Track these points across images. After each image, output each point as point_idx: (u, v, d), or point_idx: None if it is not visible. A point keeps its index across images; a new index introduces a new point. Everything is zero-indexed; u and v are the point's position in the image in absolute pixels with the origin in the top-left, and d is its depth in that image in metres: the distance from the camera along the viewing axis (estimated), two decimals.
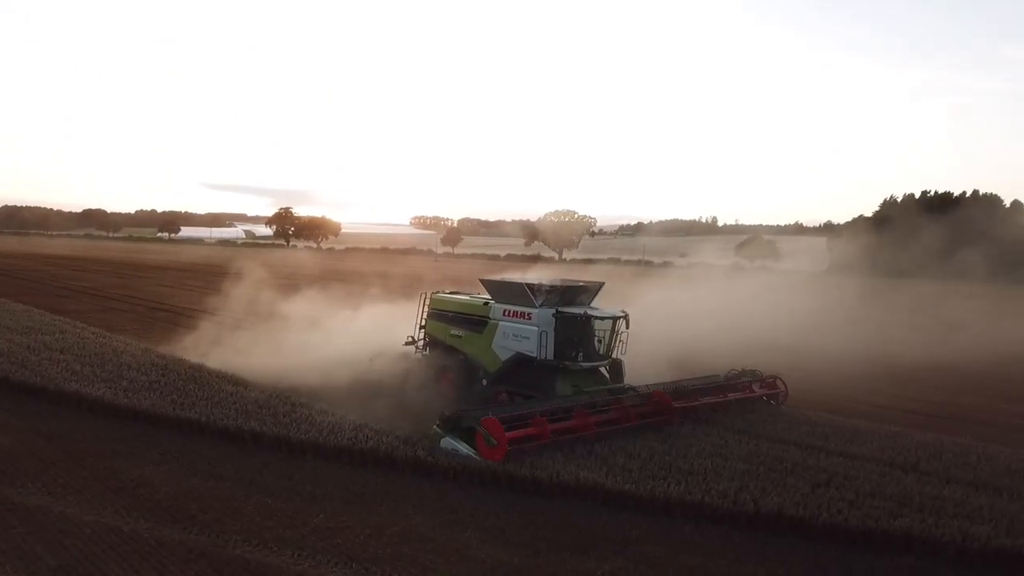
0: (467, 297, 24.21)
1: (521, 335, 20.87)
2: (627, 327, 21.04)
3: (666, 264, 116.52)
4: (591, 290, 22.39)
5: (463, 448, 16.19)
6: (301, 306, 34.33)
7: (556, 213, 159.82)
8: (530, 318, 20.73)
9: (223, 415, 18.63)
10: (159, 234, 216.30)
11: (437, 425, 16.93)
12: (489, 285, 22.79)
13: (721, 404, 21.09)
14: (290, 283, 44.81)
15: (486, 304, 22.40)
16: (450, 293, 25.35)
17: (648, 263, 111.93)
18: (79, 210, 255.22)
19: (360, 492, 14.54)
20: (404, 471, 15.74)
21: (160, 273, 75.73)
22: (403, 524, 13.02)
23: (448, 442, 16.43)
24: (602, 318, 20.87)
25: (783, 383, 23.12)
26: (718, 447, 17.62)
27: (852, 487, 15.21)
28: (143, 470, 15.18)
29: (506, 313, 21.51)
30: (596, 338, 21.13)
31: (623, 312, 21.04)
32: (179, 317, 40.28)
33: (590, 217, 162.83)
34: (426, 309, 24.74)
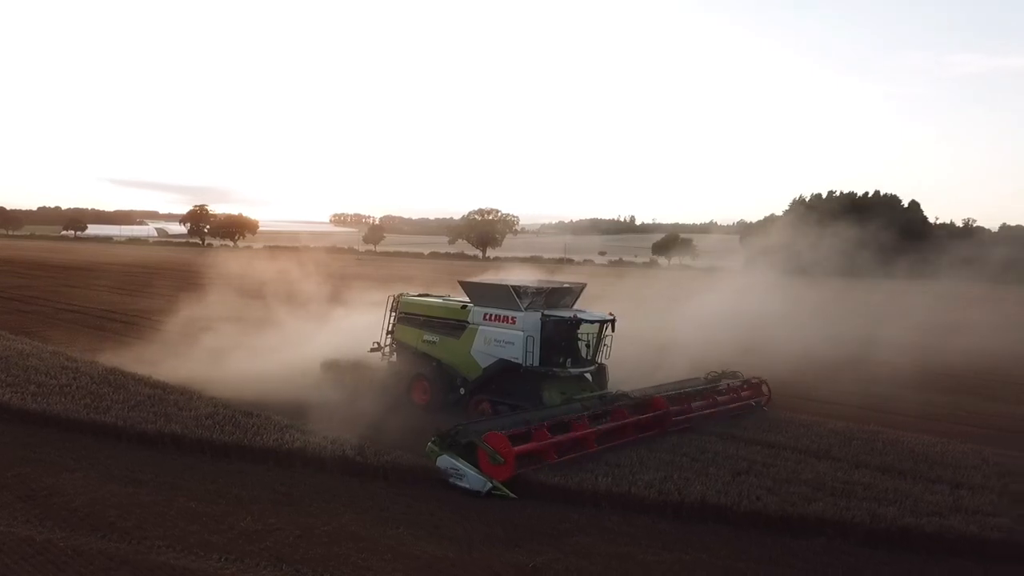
0: (441, 300, 23.03)
1: (504, 340, 19.77)
2: (612, 330, 20.24)
3: (586, 262, 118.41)
4: (575, 292, 21.44)
5: (466, 468, 14.79)
6: (212, 309, 33.46)
7: (479, 211, 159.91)
8: (514, 322, 19.66)
9: (142, 418, 17.95)
10: (64, 232, 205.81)
11: (433, 441, 15.51)
12: (469, 287, 21.64)
13: (713, 408, 20.35)
14: (203, 283, 43.46)
15: (464, 308, 21.24)
16: (419, 295, 24.15)
17: (569, 261, 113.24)
18: None
19: (288, 493, 14.27)
20: (333, 471, 15.52)
21: (66, 272, 72.18)
22: (334, 524, 12.87)
23: (446, 461, 15.02)
24: (591, 321, 19.95)
25: (767, 385, 22.70)
26: (643, 440, 18.00)
27: (770, 474, 15.82)
28: (56, 477, 14.52)
29: (487, 317, 20.36)
30: (583, 343, 20.32)
31: (611, 315, 20.17)
32: (88, 318, 38.59)
33: (513, 216, 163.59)
34: (394, 313, 23.48)
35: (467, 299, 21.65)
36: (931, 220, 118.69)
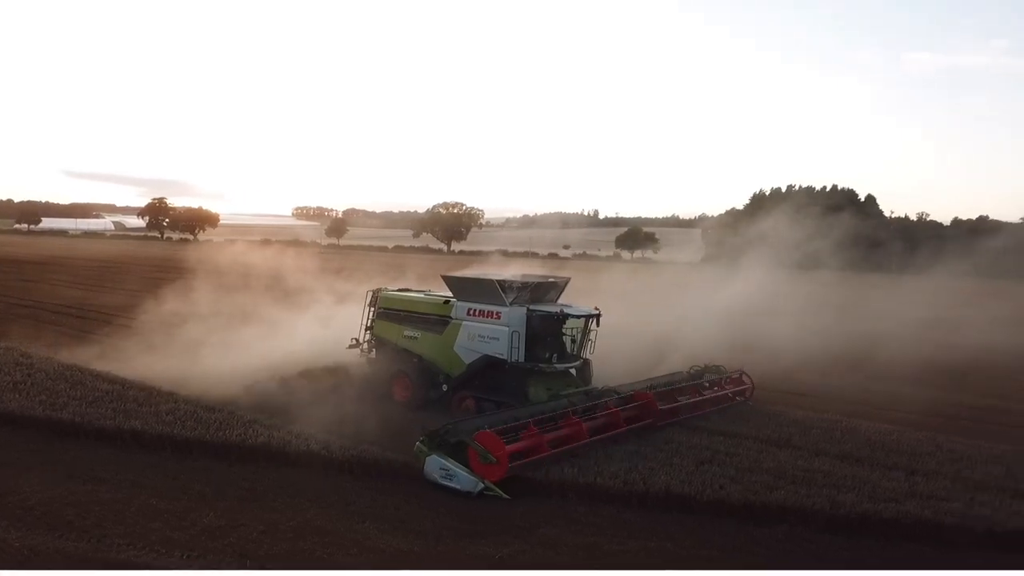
0: (422, 295, 22.64)
1: (489, 336, 19.49)
2: (598, 325, 20.12)
3: (551, 255, 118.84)
4: (559, 286, 21.29)
5: (456, 468, 14.35)
6: (177, 304, 32.86)
7: (444, 205, 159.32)
8: (499, 317, 19.38)
9: (100, 415, 17.55)
10: (17, 225, 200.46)
11: (421, 441, 15.06)
12: (452, 282, 21.17)
13: (701, 405, 20.34)
14: (166, 277, 42.66)
15: (447, 302, 20.87)
16: (399, 290, 23.65)
17: (534, 255, 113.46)
18: None
19: (252, 488, 14.07)
20: (298, 465, 15.35)
21: (21, 267, 70.27)
22: (299, 519, 12.73)
23: (436, 462, 14.56)
24: (577, 316, 19.79)
25: (749, 378, 22.61)
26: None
27: (732, 463, 16.03)
28: (11, 476, 14.09)
29: (471, 312, 20.04)
30: (569, 337, 20.23)
31: (596, 310, 20.05)
32: (45, 314, 37.63)
33: (478, 209, 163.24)
34: (372, 308, 23.02)
35: (449, 294, 21.35)
36: (887, 214, 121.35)
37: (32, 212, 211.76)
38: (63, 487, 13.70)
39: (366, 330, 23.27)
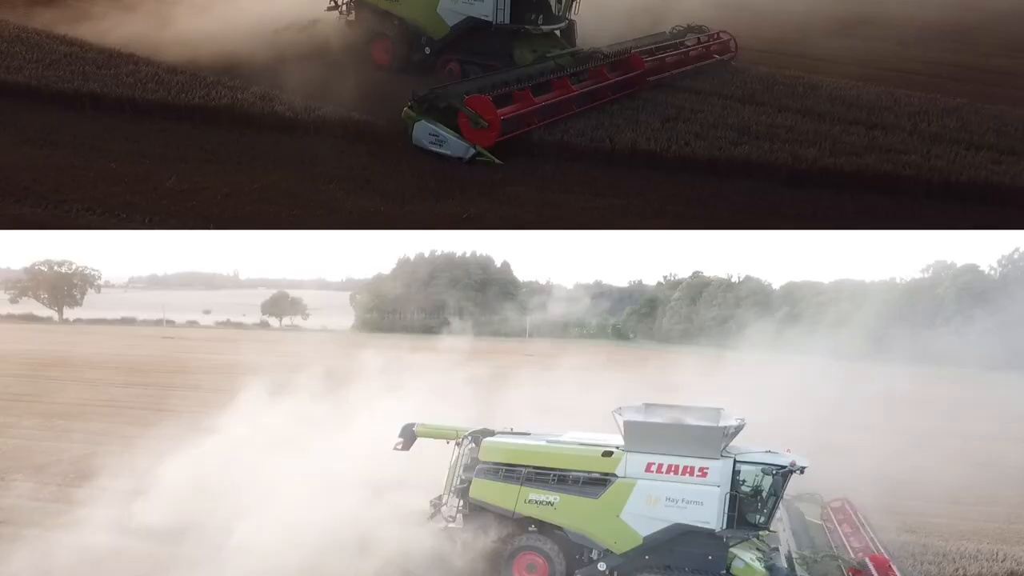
0: None
1: None
2: None
3: None
4: None
5: (447, 134, 12.70)
6: None
7: None
8: None
9: (58, 77, 15.27)
10: None
11: (409, 106, 13.19)
12: None
13: (685, 65, 18.22)
14: None
15: None
16: None
17: None
18: None
19: (216, 151, 12.58)
20: (262, 128, 13.67)
21: None
22: (264, 181, 11.42)
23: (425, 127, 12.86)
24: None
25: (734, 39, 20.16)
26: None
27: (698, 120, 14.61)
28: None
29: None
30: None
31: None
32: None
33: None
34: None
35: None
36: None
37: None
38: (19, 152, 12.13)
39: None
